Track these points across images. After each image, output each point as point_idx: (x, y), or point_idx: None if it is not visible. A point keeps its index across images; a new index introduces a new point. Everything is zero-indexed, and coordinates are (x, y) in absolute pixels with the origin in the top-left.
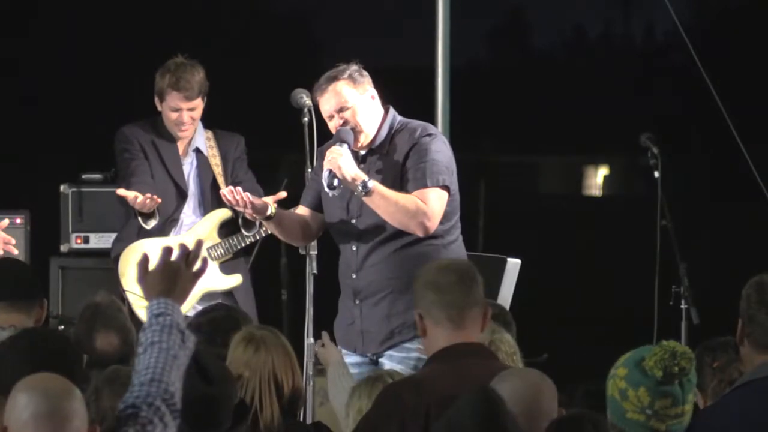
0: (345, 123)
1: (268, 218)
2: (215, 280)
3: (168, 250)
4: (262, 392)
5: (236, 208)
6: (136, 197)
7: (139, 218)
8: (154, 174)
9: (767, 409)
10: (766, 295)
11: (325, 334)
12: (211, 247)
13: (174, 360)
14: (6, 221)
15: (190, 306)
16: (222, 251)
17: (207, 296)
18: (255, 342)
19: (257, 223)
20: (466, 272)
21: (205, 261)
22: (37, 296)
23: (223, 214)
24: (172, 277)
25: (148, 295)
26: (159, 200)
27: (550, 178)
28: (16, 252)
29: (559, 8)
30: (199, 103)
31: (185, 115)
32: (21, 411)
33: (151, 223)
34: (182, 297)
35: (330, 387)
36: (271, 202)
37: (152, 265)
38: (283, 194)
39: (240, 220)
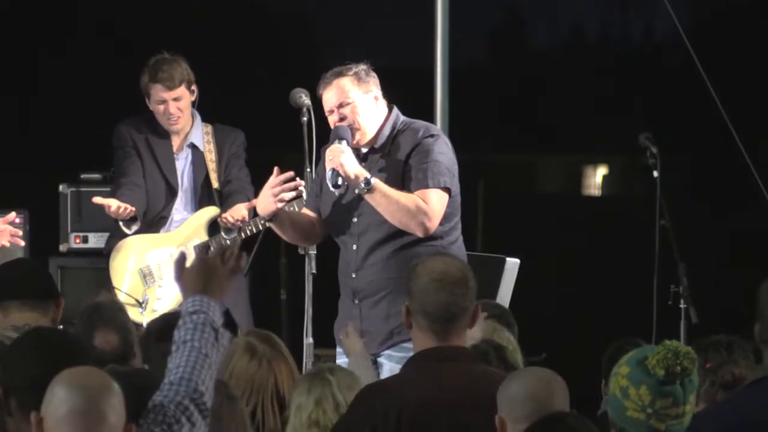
0: (343, 118)
1: (270, 220)
2: None
3: (204, 248)
4: (264, 407)
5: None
6: (110, 206)
7: (120, 223)
8: (145, 171)
9: None
10: None
11: (349, 324)
12: (198, 245)
13: (205, 359)
14: (13, 214)
15: (175, 304)
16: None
17: None
18: (257, 358)
19: (237, 229)
20: (459, 283)
21: (242, 258)
22: (52, 296)
23: (213, 211)
24: (208, 274)
25: (185, 292)
26: (134, 210)
27: (549, 178)
28: (22, 244)
29: (558, 8)
30: (183, 93)
31: (171, 106)
32: (58, 406)
33: (133, 228)
34: (219, 294)
35: None
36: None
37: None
38: (290, 174)
39: (220, 224)
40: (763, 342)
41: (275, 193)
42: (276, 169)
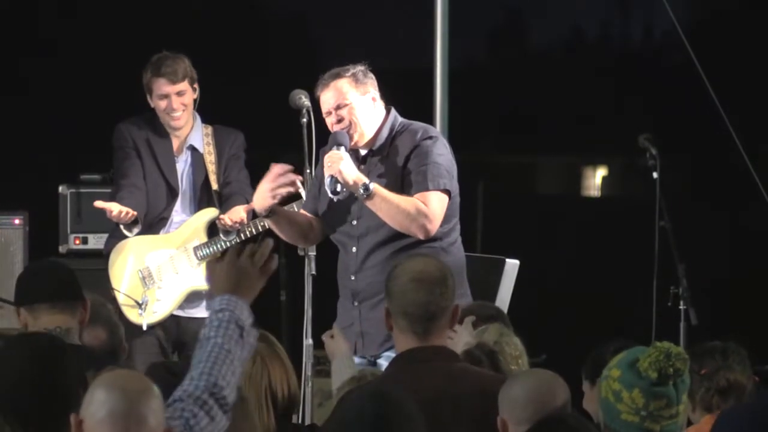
0: (340, 120)
1: (267, 216)
2: (200, 279)
3: (236, 250)
4: (259, 406)
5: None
6: (111, 211)
7: (121, 226)
8: (146, 172)
9: None
10: None
11: (336, 327)
12: (197, 247)
13: (227, 354)
14: None
15: (175, 305)
16: (209, 251)
17: (192, 295)
18: (252, 356)
19: (236, 231)
20: (437, 283)
21: (272, 259)
22: (79, 297)
23: (212, 213)
24: (238, 275)
25: (214, 292)
26: (135, 214)
27: (549, 179)
28: None
29: (558, 9)
30: (186, 87)
31: (174, 100)
32: (98, 408)
33: (134, 231)
34: (249, 294)
35: (334, 379)
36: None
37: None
38: (288, 167)
39: (219, 225)
40: None
41: (272, 188)
42: (273, 165)
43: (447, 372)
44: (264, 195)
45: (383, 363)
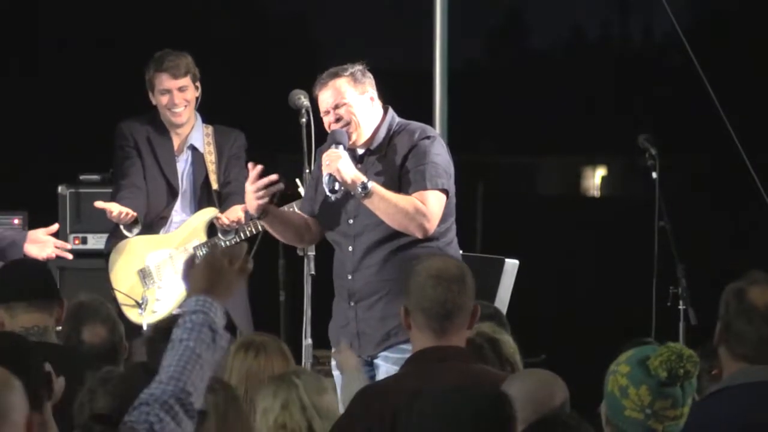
0: (338, 119)
1: (259, 217)
2: None
3: (214, 246)
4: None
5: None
6: (111, 211)
7: (121, 227)
8: (146, 171)
9: (738, 416)
10: (744, 304)
11: (343, 342)
12: (197, 246)
13: (197, 359)
14: (56, 226)
15: (175, 305)
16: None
17: None
18: (255, 347)
19: (234, 230)
20: (456, 280)
21: (248, 261)
22: (55, 295)
23: (211, 213)
24: (215, 274)
25: (190, 291)
26: (135, 214)
27: (549, 179)
28: (70, 257)
29: (558, 9)
30: (188, 83)
31: (176, 96)
32: None
33: (134, 231)
34: (226, 294)
35: (345, 393)
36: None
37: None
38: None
39: (217, 224)
40: (730, 352)
41: (252, 191)
42: (251, 165)
43: (466, 372)
44: (249, 197)
45: (380, 363)
